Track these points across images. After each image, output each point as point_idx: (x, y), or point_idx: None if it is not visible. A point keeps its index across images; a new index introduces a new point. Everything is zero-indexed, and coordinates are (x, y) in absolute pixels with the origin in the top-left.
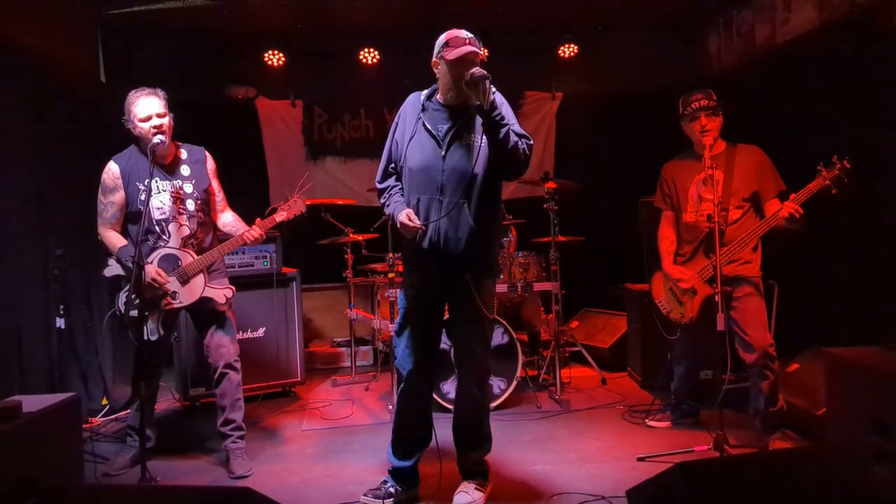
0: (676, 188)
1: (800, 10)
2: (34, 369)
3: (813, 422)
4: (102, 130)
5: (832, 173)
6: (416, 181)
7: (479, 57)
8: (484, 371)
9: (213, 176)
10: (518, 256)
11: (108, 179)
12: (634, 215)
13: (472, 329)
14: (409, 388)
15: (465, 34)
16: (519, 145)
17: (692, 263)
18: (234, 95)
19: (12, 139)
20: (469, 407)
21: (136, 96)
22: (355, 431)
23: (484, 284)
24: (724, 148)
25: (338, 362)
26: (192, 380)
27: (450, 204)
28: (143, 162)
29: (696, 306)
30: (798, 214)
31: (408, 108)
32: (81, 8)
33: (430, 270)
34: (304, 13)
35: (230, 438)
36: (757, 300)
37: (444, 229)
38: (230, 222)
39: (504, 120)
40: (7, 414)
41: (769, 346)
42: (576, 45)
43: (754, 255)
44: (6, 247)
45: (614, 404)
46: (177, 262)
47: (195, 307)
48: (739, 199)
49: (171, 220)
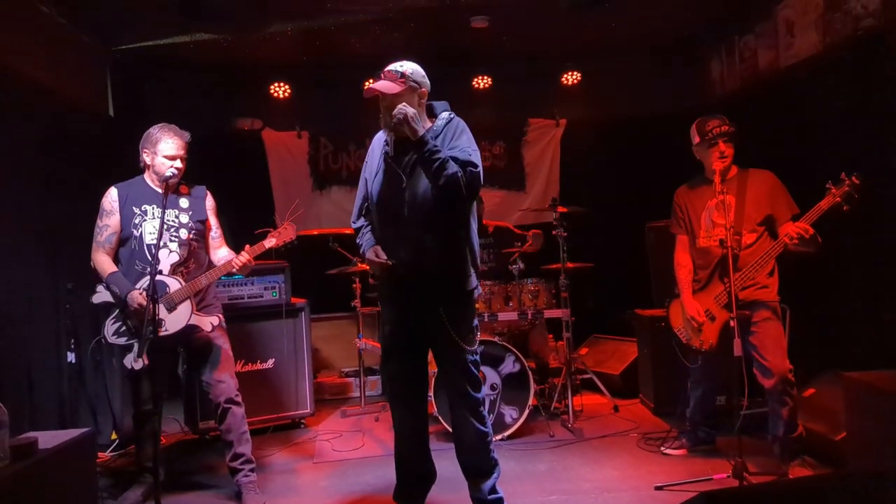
0: (689, 213)
1: (802, 35)
2: (45, 404)
3: (832, 447)
4: (111, 164)
5: (842, 190)
6: (382, 214)
7: (381, 91)
8: (473, 401)
9: (211, 212)
10: (527, 284)
11: (105, 203)
12: (641, 241)
13: (452, 363)
14: (400, 422)
15: (388, 67)
16: (456, 176)
17: (708, 290)
18: (240, 127)
19: (24, 175)
20: (469, 436)
21: (164, 133)
22: (367, 463)
23: (458, 316)
24: (737, 173)
25: (346, 393)
26: (202, 412)
27: (413, 232)
28: (146, 189)
29: (716, 333)
30: (808, 234)
31: (374, 145)
32: (91, 44)
33: (403, 304)
34: (309, 46)
35: (241, 472)
36: (775, 325)
37: (409, 259)
38: (224, 256)
39: (435, 155)
40: (24, 451)
41: (788, 372)
42: (578, 73)
43: (771, 279)
44: (17, 282)
45: (628, 432)
46: (164, 288)
47: (188, 343)
48: (753, 224)
49: (162, 247)
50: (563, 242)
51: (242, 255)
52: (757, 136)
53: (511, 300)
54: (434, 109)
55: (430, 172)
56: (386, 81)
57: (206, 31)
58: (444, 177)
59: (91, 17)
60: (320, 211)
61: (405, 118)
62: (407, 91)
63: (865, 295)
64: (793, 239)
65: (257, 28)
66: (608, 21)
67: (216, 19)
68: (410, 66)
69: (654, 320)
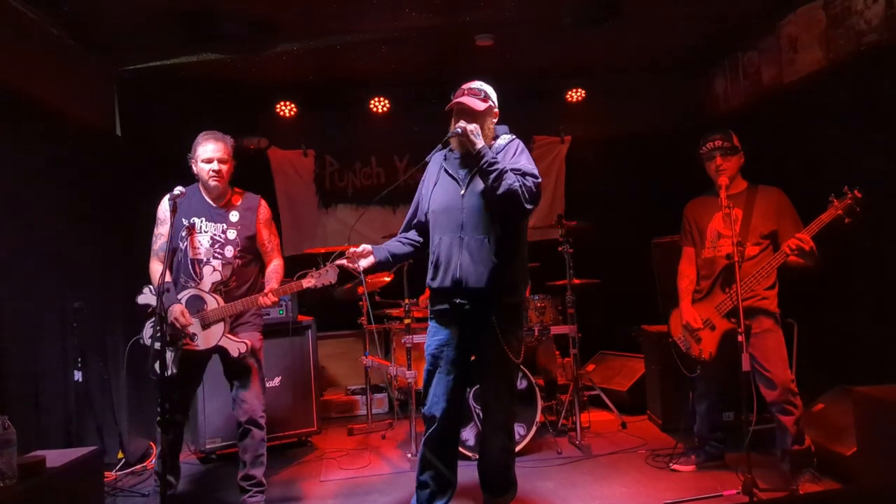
0: (697, 225)
1: (806, 51)
2: (52, 422)
3: (842, 462)
4: (118, 184)
5: (844, 203)
6: (439, 222)
7: (470, 106)
8: (510, 416)
9: (263, 225)
10: (534, 300)
11: (159, 212)
12: (647, 257)
13: (499, 375)
14: (439, 433)
15: (471, 84)
16: (514, 186)
17: (709, 299)
18: (246, 146)
19: (32, 194)
20: (497, 451)
21: (204, 138)
22: (375, 481)
23: (510, 330)
24: (745, 187)
25: (353, 410)
26: (209, 431)
27: (470, 240)
28: (197, 199)
29: (716, 342)
30: (806, 246)
31: (431, 163)
32: (98, 65)
33: (456, 313)
34: (315, 65)
35: (248, 493)
36: (775, 335)
37: (465, 264)
38: (269, 271)
39: (493, 167)
40: (32, 470)
41: (790, 382)
42: (583, 90)
43: (770, 291)
44: (25, 300)
45: (636, 448)
46: (203, 305)
47: (223, 356)
48: (757, 237)
49: (206, 263)
50: (569, 258)
51: (269, 296)
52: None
53: None
54: (496, 131)
55: (489, 183)
56: (471, 98)
57: (213, 52)
58: (502, 186)
59: (99, 38)
60: (326, 229)
61: (464, 131)
62: (487, 110)
63: (873, 309)
64: (792, 250)
65: (264, 48)
66: (612, 38)
67: (223, 39)
68: (488, 87)
69: (661, 336)
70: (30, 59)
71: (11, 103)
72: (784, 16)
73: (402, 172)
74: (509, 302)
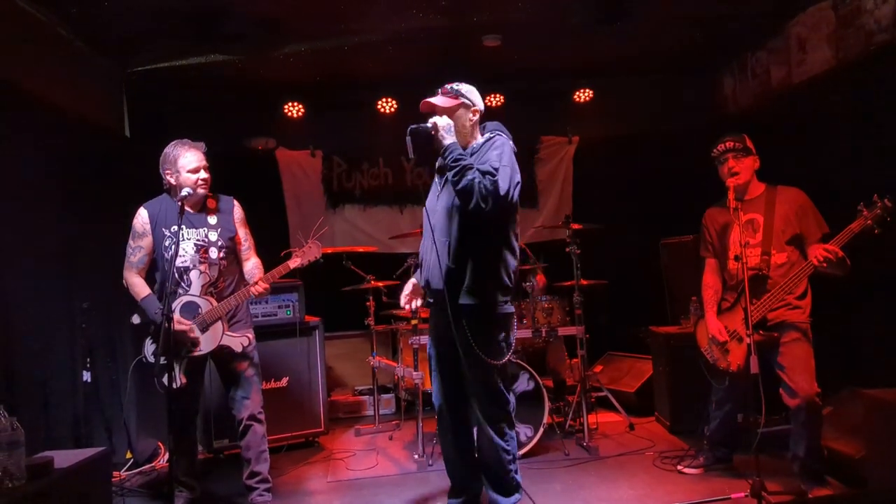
0: (718, 235)
1: (815, 51)
2: (60, 423)
3: (851, 466)
4: (127, 185)
5: (874, 213)
6: (427, 224)
7: (434, 104)
8: (493, 418)
9: (240, 224)
10: (541, 301)
11: (137, 224)
12: (655, 257)
13: (474, 375)
14: (442, 423)
15: (447, 85)
16: (473, 182)
17: (736, 310)
18: (254, 147)
19: (41, 196)
20: (489, 452)
21: (181, 148)
22: (382, 482)
23: (481, 331)
24: (764, 190)
25: (360, 411)
26: (216, 431)
27: (438, 242)
28: (173, 209)
29: (744, 353)
30: (836, 258)
31: None
32: (107, 66)
33: (434, 312)
34: (322, 66)
35: (256, 491)
36: (804, 346)
37: (432, 265)
38: (249, 270)
39: (457, 162)
40: (40, 471)
41: (815, 395)
42: (590, 90)
43: (802, 301)
44: (34, 301)
45: (644, 450)
46: (197, 309)
47: (218, 357)
48: (782, 243)
49: (193, 268)
50: (576, 260)
51: (259, 284)
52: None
53: (525, 318)
54: (485, 129)
55: (450, 178)
56: (441, 97)
57: (221, 53)
58: (462, 182)
59: (108, 39)
60: (334, 229)
61: (434, 126)
62: (460, 107)
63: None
64: (821, 262)
65: (271, 49)
66: (620, 39)
67: (231, 41)
68: (466, 86)
69: (669, 337)
70: (39, 61)
71: (21, 104)
72: (793, 16)
73: (409, 173)
74: (472, 304)
